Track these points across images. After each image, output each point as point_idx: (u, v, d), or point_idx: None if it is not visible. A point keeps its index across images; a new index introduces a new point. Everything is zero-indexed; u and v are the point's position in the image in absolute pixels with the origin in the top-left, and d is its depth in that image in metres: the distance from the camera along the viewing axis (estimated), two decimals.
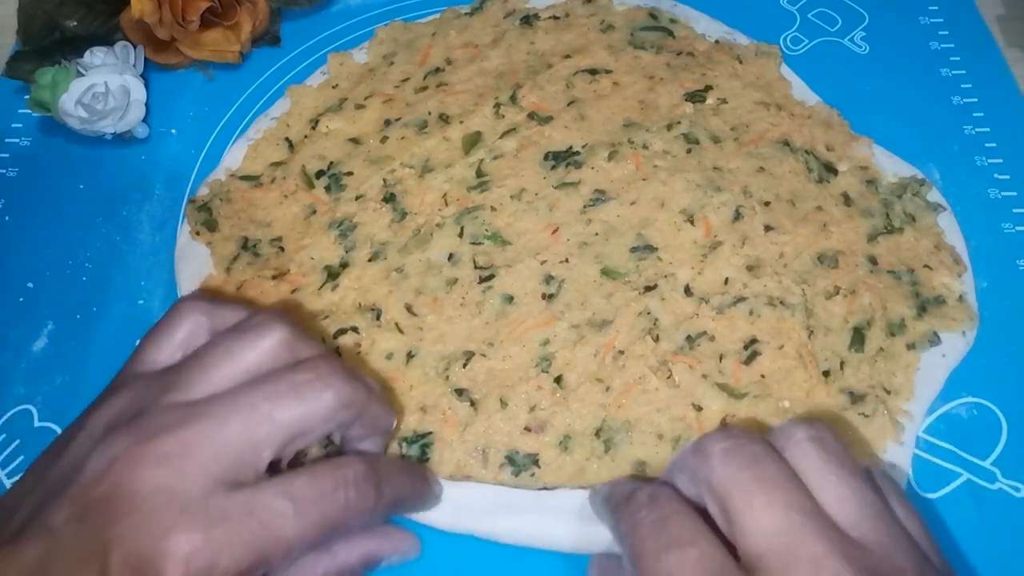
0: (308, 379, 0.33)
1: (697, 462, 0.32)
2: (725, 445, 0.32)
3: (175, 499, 0.30)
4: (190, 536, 0.29)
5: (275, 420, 0.32)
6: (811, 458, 0.32)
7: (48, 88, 0.53)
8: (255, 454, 0.32)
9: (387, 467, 0.36)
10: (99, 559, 0.29)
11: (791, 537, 0.29)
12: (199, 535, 0.29)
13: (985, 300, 0.46)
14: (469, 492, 0.40)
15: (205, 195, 0.51)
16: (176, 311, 0.36)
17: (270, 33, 0.60)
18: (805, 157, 0.50)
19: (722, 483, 0.31)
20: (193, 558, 0.29)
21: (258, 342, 0.34)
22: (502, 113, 0.52)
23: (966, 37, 0.58)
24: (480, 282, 0.46)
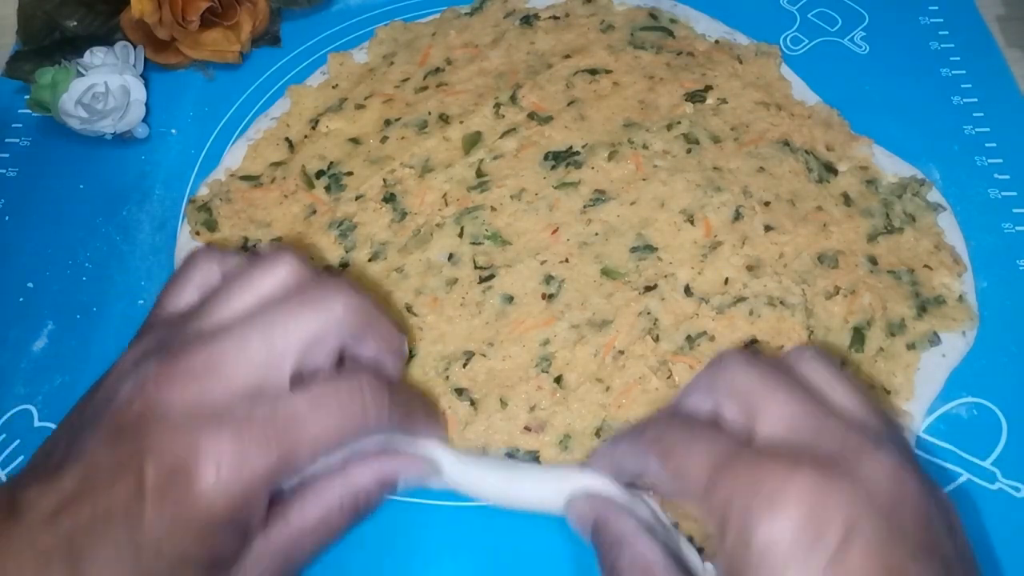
0: (319, 293, 0.35)
1: (717, 371, 0.34)
2: (743, 355, 0.34)
3: (203, 409, 0.31)
4: (219, 438, 0.31)
5: (292, 331, 0.34)
6: (819, 370, 0.34)
7: (48, 88, 0.53)
8: (276, 365, 0.33)
9: (399, 385, 0.38)
10: (135, 470, 0.30)
11: (816, 417, 0.31)
12: (228, 437, 0.31)
13: (985, 300, 0.46)
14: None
15: (205, 195, 0.51)
16: (189, 260, 0.38)
17: (270, 33, 0.60)
18: (805, 157, 0.50)
19: (743, 383, 0.33)
20: (223, 458, 0.31)
21: (270, 271, 0.36)
22: (502, 113, 0.52)
23: (966, 37, 0.58)
24: (480, 282, 0.46)
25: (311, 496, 0.35)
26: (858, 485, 0.29)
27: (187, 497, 0.30)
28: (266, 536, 0.34)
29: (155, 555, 0.30)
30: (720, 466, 0.30)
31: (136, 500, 0.30)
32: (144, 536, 0.30)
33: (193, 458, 0.31)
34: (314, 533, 0.35)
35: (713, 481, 0.30)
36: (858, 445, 0.30)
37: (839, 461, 0.29)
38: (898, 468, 0.29)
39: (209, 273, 0.37)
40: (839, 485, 0.28)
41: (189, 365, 0.32)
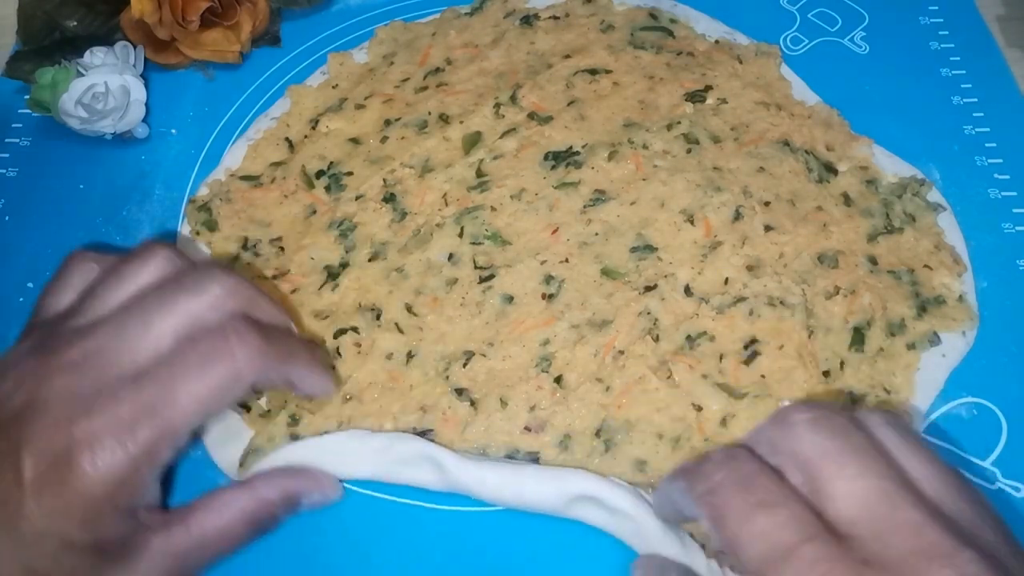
0: (193, 278, 0.36)
1: (780, 432, 0.31)
2: (811, 415, 0.31)
3: (78, 399, 0.32)
4: (91, 423, 0.32)
5: (168, 315, 0.34)
6: (892, 438, 0.31)
7: (48, 88, 0.53)
8: (152, 349, 0.34)
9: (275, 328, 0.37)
10: (12, 463, 0.31)
11: (887, 504, 0.28)
12: (99, 420, 0.32)
13: (985, 300, 0.46)
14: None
15: (205, 195, 0.51)
16: (67, 261, 0.39)
17: (270, 33, 0.60)
18: (805, 157, 0.50)
19: (810, 451, 0.30)
20: (97, 441, 0.31)
21: (144, 263, 0.36)
22: (502, 113, 0.52)
23: (966, 37, 0.58)
24: (480, 282, 0.46)
25: (214, 504, 0.36)
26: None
27: (66, 485, 0.31)
28: (166, 537, 0.34)
29: (38, 544, 0.31)
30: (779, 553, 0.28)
31: (15, 491, 0.31)
32: (26, 526, 0.31)
33: (70, 447, 0.31)
34: (213, 541, 0.36)
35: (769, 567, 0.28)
36: (932, 545, 0.27)
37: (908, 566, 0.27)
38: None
39: (88, 272, 0.38)
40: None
41: (67, 358, 0.33)
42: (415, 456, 0.40)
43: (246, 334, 0.34)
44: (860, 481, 0.29)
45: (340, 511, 0.41)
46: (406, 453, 0.40)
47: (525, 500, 0.39)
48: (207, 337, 0.34)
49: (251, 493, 0.37)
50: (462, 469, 0.39)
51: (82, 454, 0.31)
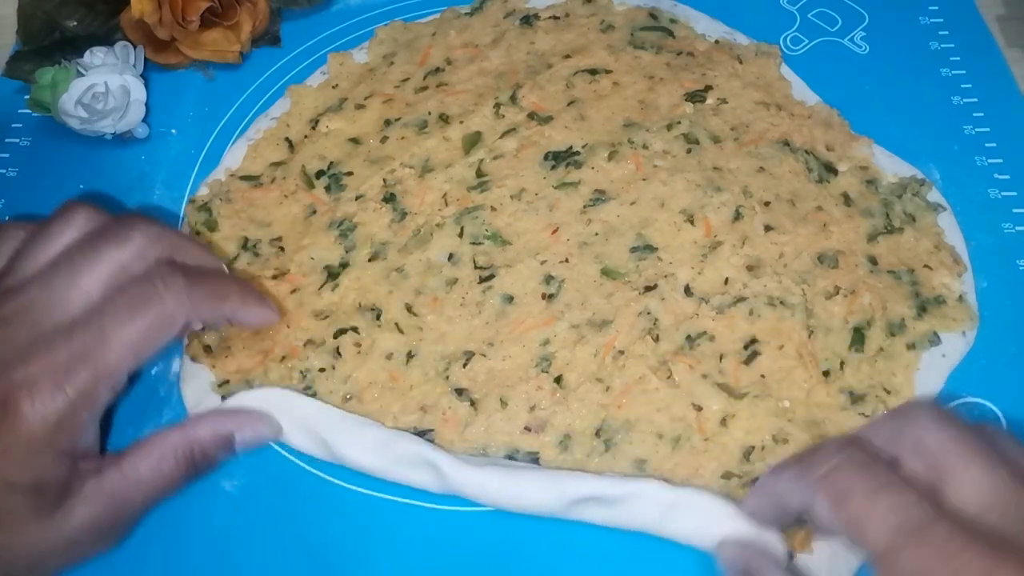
0: (115, 230, 0.37)
1: (904, 423, 0.32)
2: (937, 411, 0.32)
3: (14, 348, 0.34)
4: (27, 369, 0.33)
5: (94, 266, 0.35)
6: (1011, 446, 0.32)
7: (48, 88, 0.53)
8: (82, 300, 0.35)
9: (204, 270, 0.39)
10: None
11: (1013, 501, 0.29)
12: (35, 366, 0.33)
13: (985, 300, 0.46)
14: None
15: (205, 195, 0.51)
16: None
17: (270, 33, 0.60)
18: (805, 157, 0.50)
19: (937, 442, 0.30)
20: (35, 386, 0.33)
21: (67, 221, 0.37)
22: (502, 113, 0.52)
23: (966, 37, 0.58)
24: (480, 282, 0.46)
25: (146, 445, 0.37)
26: None
27: (6, 427, 0.32)
28: (99, 479, 0.35)
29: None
30: (908, 532, 0.28)
31: None
32: None
33: (8, 391, 0.33)
34: (148, 481, 0.36)
35: (898, 547, 0.28)
36: None
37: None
38: None
39: (15, 239, 0.39)
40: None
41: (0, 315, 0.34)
42: (414, 458, 0.40)
43: (171, 277, 0.36)
44: (989, 475, 0.29)
45: (340, 510, 0.41)
46: (405, 453, 0.40)
47: (524, 505, 0.39)
48: (134, 284, 0.35)
49: (182, 433, 0.37)
50: (460, 473, 0.39)
51: (21, 398, 0.32)
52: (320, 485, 0.42)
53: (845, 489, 0.30)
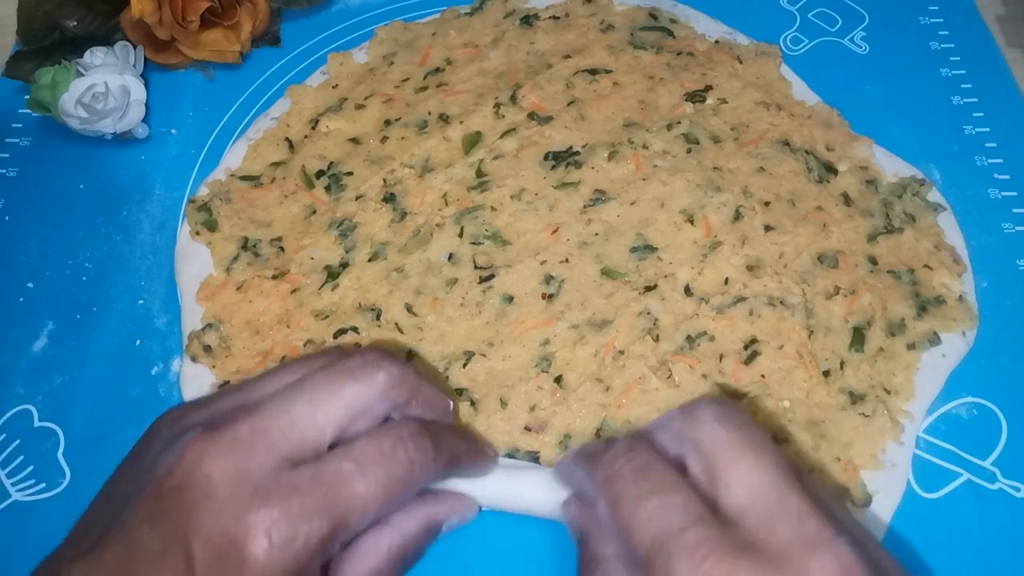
0: (360, 363, 0.35)
1: (687, 423, 0.33)
2: (718, 410, 0.32)
3: (248, 480, 0.31)
4: (268, 511, 0.30)
5: (336, 401, 0.33)
6: None
7: (48, 88, 0.53)
8: (318, 432, 0.33)
9: (439, 427, 0.37)
10: (182, 550, 0.30)
11: (777, 493, 0.30)
12: (277, 508, 0.31)
13: (985, 300, 0.46)
14: None
15: (205, 195, 0.51)
16: None
17: (270, 33, 0.60)
18: (805, 157, 0.50)
19: (712, 442, 0.31)
20: (274, 530, 0.30)
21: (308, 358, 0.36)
22: (502, 113, 0.52)
23: (966, 37, 0.58)
24: (480, 282, 0.46)
25: (360, 551, 0.35)
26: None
27: (238, 573, 0.30)
28: None
29: None
30: (666, 537, 0.29)
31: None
32: None
33: (243, 535, 0.30)
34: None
35: (656, 551, 0.29)
36: (815, 534, 0.29)
37: (789, 553, 0.28)
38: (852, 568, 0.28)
39: None
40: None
41: (231, 435, 0.32)
42: None
43: (421, 440, 0.34)
44: (755, 471, 0.30)
45: None
46: None
47: (522, 506, 0.39)
48: (387, 438, 0.34)
49: (393, 531, 0.36)
50: None
51: (257, 544, 0.30)
52: None
53: (618, 494, 0.31)
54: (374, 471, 0.33)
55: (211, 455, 0.31)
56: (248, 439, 0.32)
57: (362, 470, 0.32)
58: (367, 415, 0.34)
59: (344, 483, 0.32)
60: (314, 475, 0.32)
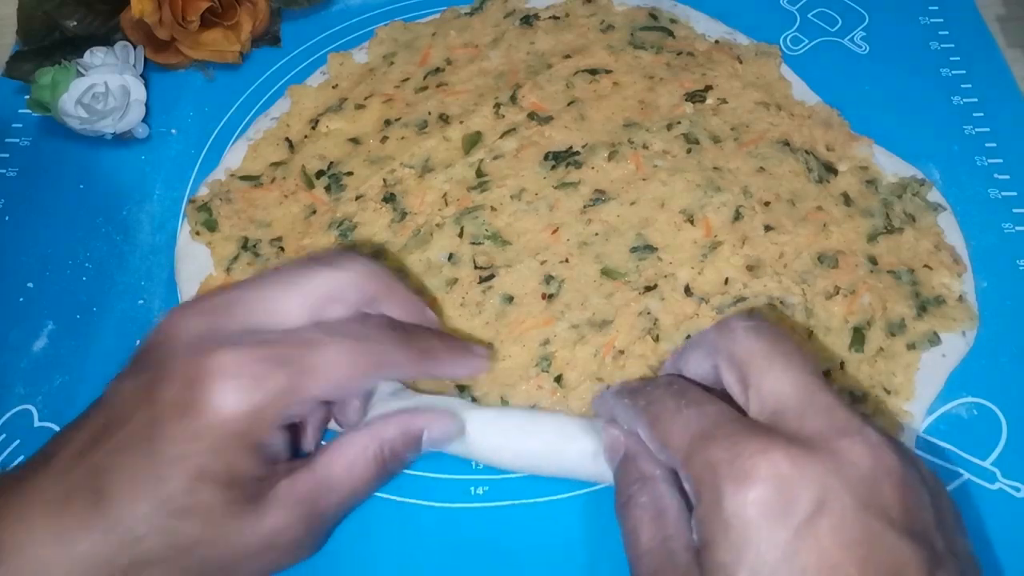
0: (335, 254, 0.37)
1: (720, 336, 0.34)
2: (749, 323, 0.34)
3: (217, 336, 0.33)
4: (229, 356, 0.32)
5: (309, 285, 0.35)
6: None
7: (48, 88, 0.53)
8: (290, 310, 0.35)
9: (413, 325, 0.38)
10: (152, 393, 0.32)
11: (806, 391, 0.31)
12: (241, 357, 0.32)
13: (985, 300, 0.46)
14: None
15: (205, 195, 0.51)
16: None
17: (270, 33, 0.60)
18: (805, 157, 0.50)
19: (745, 351, 0.33)
20: (236, 375, 0.32)
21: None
22: (502, 113, 0.52)
23: (966, 37, 0.58)
24: (480, 282, 0.46)
25: (337, 446, 0.36)
26: (835, 462, 0.29)
27: (200, 412, 0.32)
28: (291, 481, 0.34)
29: (172, 471, 0.31)
30: (701, 436, 0.31)
31: (154, 420, 0.32)
32: (162, 453, 0.31)
33: (204, 375, 0.32)
34: (341, 483, 0.36)
35: (693, 449, 0.31)
36: (843, 424, 0.30)
37: (821, 437, 0.30)
38: (878, 445, 0.30)
39: None
40: (814, 461, 0.29)
41: (207, 304, 0.34)
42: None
43: (390, 330, 0.36)
44: (785, 374, 0.32)
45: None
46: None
47: (543, 458, 0.40)
48: (356, 320, 0.35)
49: (371, 433, 0.37)
50: (479, 428, 0.40)
51: (219, 381, 0.32)
52: None
53: (657, 413, 0.34)
54: (340, 342, 0.34)
55: (186, 318, 0.34)
56: (222, 306, 0.34)
57: (329, 339, 0.34)
58: (341, 303, 0.36)
59: (309, 347, 0.34)
60: (281, 337, 0.34)
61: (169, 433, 0.32)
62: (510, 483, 0.41)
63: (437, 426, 0.38)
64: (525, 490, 0.41)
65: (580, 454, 0.39)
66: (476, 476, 0.42)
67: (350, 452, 0.36)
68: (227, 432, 0.32)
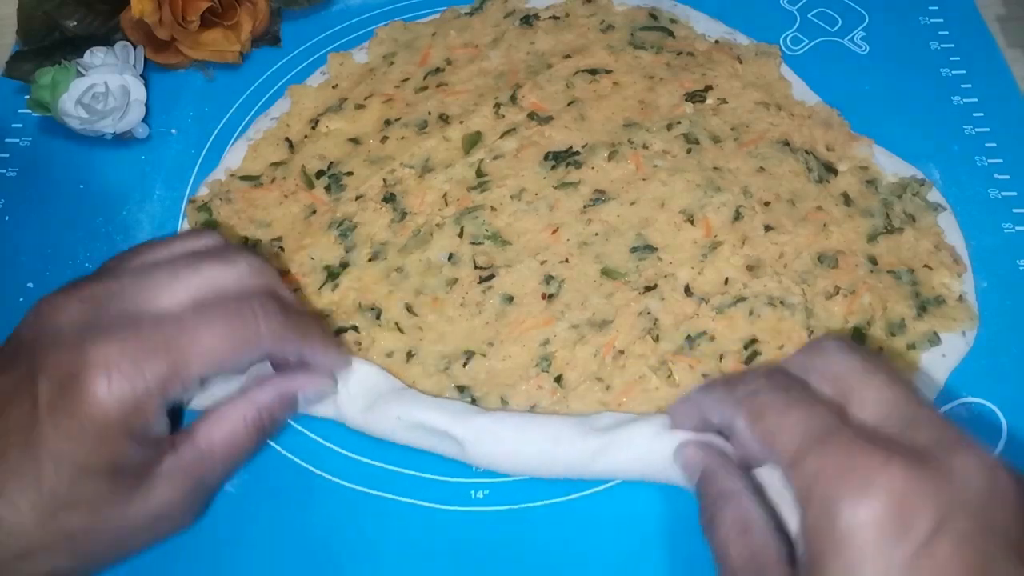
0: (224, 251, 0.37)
1: (812, 355, 0.34)
2: (841, 342, 0.34)
3: (95, 327, 0.33)
4: (107, 348, 0.32)
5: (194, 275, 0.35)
6: None
7: (48, 88, 0.53)
8: (172, 299, 0.35)
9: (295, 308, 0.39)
10: (28, 389, 0.32)
11: (912, 405, 0.31)
12: (116, 347, 0.32)
13: (985, 300, 0.46)
14: None
15: (205, 195, 0.51)
16: None
17: (270, 33, 0.60)
18: (805, 157, 0.50)
19: (842, 367, 0.33)
20: (113, 366, 0.32)
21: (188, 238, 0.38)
22: (502, 113, 0.52)
23: (966, 37, 0.58)
24: (480, 282, 0.46)
25: (216, 416, 0.37)
26: (951, 480, 0.28)
27: (80, 406, 0.32)
28: (175, 455, 0.35)
29: (55, 466, 0.32)
30: (814, 438, 0.30)
31: (31, 416, 0.32)
32: (42, 448, 0.31)
33: (83, 369, 0.32)
34: (221, 451, 0.37)
35: (804, 452, 0.30)
36: (954, 439, 0.30)
37: (934, 454, 0.29)
38: (993, 466, 0.29)
39: None
40: (932, 477, 0.28)
41: (85, 292, 0.34)
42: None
43: (270, 305, 0.36)
44: (888, 388, 0.32)
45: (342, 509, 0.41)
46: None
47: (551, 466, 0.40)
48: (233, 301, 0.35)
49: (248, 400, 0.38)
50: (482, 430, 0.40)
51: (96, 376, 0.32)
52: (321, 484, 0.42)
53: (761, 407, 0.33)
54: (215, 322, 0.34)
55: (63, 307, 0.34)
56: (100, 295, 0.34)
57: (206, 321, 0.34)
58: (221, 293, 0.36)
59: (186, 330, 0.34)
60: (157, 321, 0.34)
61: (48, 431, 0.32)
62: (510, 487, 0.41)
63: (311, 386, 0.39)
64: (525, 494, 0.41)
65: (580, 454, 0.39)
66: (476, 480, 0.42)
67: (229, 421, 0.37)
68: (109, 424, 0.32)
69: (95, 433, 0.32)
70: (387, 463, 0.42)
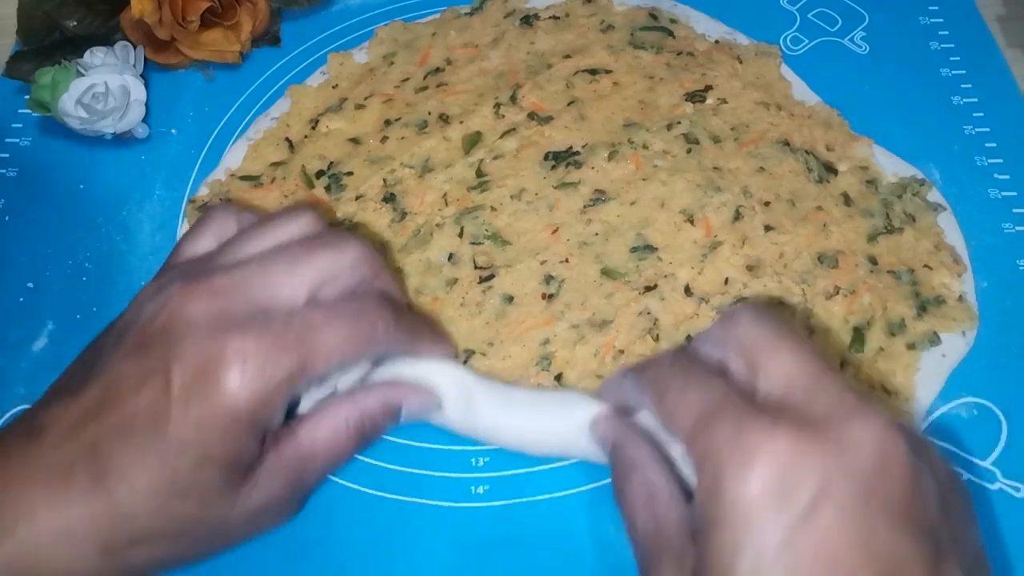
0: (333, 238, 0.38)
1: (725, 326, 0.34)
2: (755, 312, 0.34)
3: (227, 320, 0.33)
4: (244, 341, 0.33)
5: (309, 264, 0.36)
6: None
7: (48, 88, 0.53)
8: (292, 291, 0.35)
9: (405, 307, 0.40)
10: (161, 376, 0.32)
11: (814, 375, 0.31)
12: (252, 341, 0.33)
13: (985, 300, 0.46)
14: None
15: (205, 195, 0.51)
16: (207, 213, 0.40)
17: (270, 33, 0.60)
18: (805, 157, 0.50)
19: (751, 339, 0.33)
20: (248, 359, 0.33)
21: (288, 222, 0.38)
22: (502, 113, 0.52)
23: (966, 37, 0.58)
24: (480, 282, 0.46)
25: (320, 417, 0.37)
26: (841, 447, 0.28)
27: (213, 397, 0.32)
28: (278, 451, 0.35)
29: (179, 453, 0.32)
30: (707, 414, 0.31)
31: (162, 402, 0.32)
32: (169, 435, 0.32)
33: (219, 360, 0.32)
34: (323, 451, 0.37)
35: (698, 428, 0.31)
36: (852, 406, 0.29)
37: (827, 422, 0.29)
38: (888, 433, 0.29)
39: (226, 225, 0.39)
40: (818, 446, 0.28)
41: (213, 285, 0.34)
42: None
43: (386, 307, 0.37)
44: (791, 358, 0.31)
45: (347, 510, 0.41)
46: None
47: (540, 436, 0.40)
48: (355, 301, 0.36)
49: (353, 404, 0.38)
50: (481, 402, 0.40)
51: (231, 368, 0.32)
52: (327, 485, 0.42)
53: (664, 387, 0.33)
54: (341, 323, 0.35)
55: (194, 299, 0.34)
56: (228, 288, 0.34)
57: (330, 321, 0.35)
58: (336, 282, 0.36)
59: (313, 329, 0.34)
60: (287, 320, 0.34)
61: (179, 419, 0.32)
62: (511, 481, 0.41)
63: (416, 400, 0.39)
64: (526, 488, 0.41)
65: (580, 428, 0.39)
66: (477, 475, 0.42)
67: (332, 422, 0.37)
68: (237, 416, 0.33)
69: (223, 424, 0.32)
70: (386, 462, 0.42)
